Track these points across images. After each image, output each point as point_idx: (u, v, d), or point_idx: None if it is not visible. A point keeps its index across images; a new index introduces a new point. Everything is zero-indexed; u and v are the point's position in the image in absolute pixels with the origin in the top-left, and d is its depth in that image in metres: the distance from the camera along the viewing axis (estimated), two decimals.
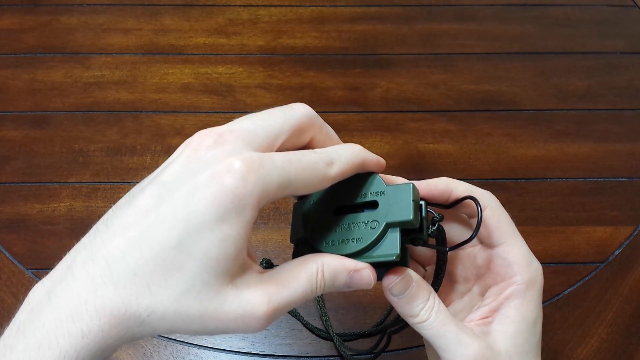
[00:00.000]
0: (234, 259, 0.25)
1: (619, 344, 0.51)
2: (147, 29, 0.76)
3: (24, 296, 0.27)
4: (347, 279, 0.28)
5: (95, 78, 0.71)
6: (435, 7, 0.80)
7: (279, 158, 0.25)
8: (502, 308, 0.32)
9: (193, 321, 0.25)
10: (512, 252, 0.32)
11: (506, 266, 0.32)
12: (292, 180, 0.26)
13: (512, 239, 0.33)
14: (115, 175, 0.61)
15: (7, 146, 0.64)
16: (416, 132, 0.66)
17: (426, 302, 0.30)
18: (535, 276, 0.32)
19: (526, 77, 0.72)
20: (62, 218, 0.58)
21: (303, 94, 0.69)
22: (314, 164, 0.27)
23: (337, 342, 0.49)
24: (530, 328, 0.32)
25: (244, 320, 0.25)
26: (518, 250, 0.32)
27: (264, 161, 0.25)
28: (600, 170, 0.63)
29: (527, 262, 0.32)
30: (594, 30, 0.78)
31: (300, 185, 0.26)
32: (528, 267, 0.32)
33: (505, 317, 0.32)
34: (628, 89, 0.71)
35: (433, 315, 0.30)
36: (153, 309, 0.24)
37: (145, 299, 0.24)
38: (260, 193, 0.24)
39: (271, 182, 0.25)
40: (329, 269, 0.28)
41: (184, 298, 0.24)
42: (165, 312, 0.24)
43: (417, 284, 0.30)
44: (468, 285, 0.35)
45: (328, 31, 0.77)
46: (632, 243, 0.57)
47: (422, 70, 0.73)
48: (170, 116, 0.67)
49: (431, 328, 0.30)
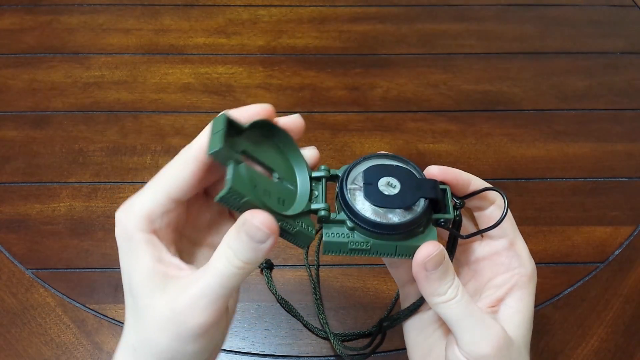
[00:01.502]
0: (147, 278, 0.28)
1: (619, 344, 0.51)
2: (147, 29, 0.76)
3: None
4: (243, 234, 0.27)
5: (95, 78, 0.71)
6: (435, 7, 0.80)
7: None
8: (506, 298, 0.33)
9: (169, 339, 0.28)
10: (519, 245, 0.34)
11: (512, 257, 0.33)
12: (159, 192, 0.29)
13: (517, 234, 0.34)
14: (115, 175, 0.61)
15: (7, 146, 0.64)
16: (416, 132, 0.66)
17: (454, 280, 0.30)
18: (534, 271, 0.34)
19: (526, 77, 0.72)
20: (62, 218, 0.58)
21: (303, 94, 0.69)
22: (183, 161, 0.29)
23: (333, 340, 0.49)
24: (530, 320, 0.33)
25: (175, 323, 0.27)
26: (522, 244, 0.34)
27: (130, 200, 0.29)
28: (600, 170, 0.63)
29: (529, 257, 0.34)
30: (594, 30, 0.78)
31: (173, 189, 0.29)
32: (530, 261, 0.34)
33: (510, 308, 0.32)
34: (628, 89, 0.71)
35: (459, 294, 0.30)
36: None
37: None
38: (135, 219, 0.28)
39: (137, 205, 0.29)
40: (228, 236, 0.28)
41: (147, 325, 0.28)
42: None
43: (448, 261, 0.30)
44: (462, 280, 0.35)
45: (328, 31, 0.77)
46: (632, 243, 0.57)
47: (422, 70, 0.73)
48: (170, 116, 0.67)
49: (457, 307, 0.30)
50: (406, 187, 0.30)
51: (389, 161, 0.32)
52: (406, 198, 0.30)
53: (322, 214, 0.30)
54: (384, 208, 0.30)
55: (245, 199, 0.27)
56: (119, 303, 0.53)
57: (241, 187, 0.27)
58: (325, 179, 0.31)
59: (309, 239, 0.30)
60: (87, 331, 0.51)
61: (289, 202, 0.30)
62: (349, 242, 0.30)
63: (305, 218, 0.30)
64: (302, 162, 0.31)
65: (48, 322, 0.51)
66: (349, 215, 0.30)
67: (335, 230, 0.30)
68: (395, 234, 0.30)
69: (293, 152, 0.32)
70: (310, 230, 0.30)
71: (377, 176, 0.31)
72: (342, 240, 0.30)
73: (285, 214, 0.29)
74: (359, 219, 0.30)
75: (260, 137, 0.30)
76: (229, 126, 0.28)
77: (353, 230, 0.30)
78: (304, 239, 0.30)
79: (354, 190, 0.31)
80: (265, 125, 0.30)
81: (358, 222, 0.30)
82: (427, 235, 0.30)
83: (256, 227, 0.26)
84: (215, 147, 0.27)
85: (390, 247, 0.30)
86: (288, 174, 0.31)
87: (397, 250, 0.30)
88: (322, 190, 0.31)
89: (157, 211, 0.29)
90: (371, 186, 0.30)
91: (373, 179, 0.30)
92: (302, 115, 0.32)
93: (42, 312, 0.52)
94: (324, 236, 0.30)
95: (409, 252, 0.30)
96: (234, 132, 0.29)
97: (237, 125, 0.29)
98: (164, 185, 0.29)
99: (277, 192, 0.30)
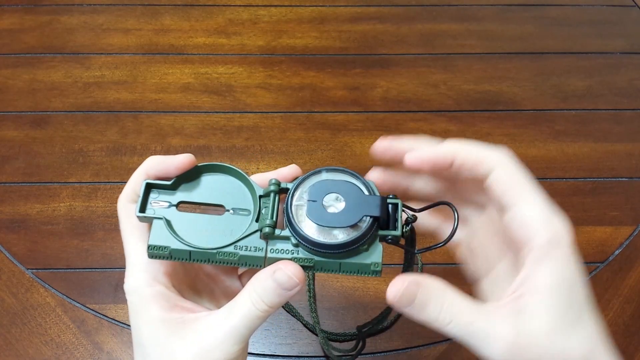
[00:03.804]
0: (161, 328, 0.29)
1: (619, 344, 0.51)
2: (147, 29, 0.76)
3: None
4: (272, 282, 0.29)
5: (95, 78, 0.71)
6: (435, 7, 0.80)
7: None
8: (530, 278, 0.27)
9: None
10: (526, 211, 0.28)
11: (522, 229, 0.28)
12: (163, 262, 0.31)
13: (525, 198, 0.28)
14: (115, 175, 0.61)
15: (7, 146, 0.64)
16: (416, 132, 0.66)
17: (442, 305, 0.27)
18: (558, 234, 0.27)
19: (526, 77, 0.72)
20: (62, 218, 0.58)
21: (303, 94, 0.69)
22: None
23: (322, 341, 0.49)
24: (567, 294, 0.27)
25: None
26: (533, 207, 0.28)
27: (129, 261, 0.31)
28: (600, 170, 0.63)
29: (546, 219, 0.28)
30: (594, 30, 0.78)
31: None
32: (548, 224, 0.27)
33: (535, 289, 0.27)
34: (628, 89, 0.71)
35: (455, 317, 0.27)
36: None
37: None
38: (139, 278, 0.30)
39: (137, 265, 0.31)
40: (256, 282, 0.29)
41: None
42: None
43: (424, 289, 0.28)
44: (495, 261, 0.32)
45: (328, 31, 0.77)
46: (632, 243, 0.57)
47: (422, 70, 0.73)
48: (170, 116, 0.67)
49: (456, 331, 0.27)
50: (351, 205, 0.30)
51: (339, 176, 0.31)
52: (349, 216, 0.29)
53: (266, 231, 0.30)
54: (326, 226, 0.30)
55: (169, 249, 0.30)
56: (119, 303, 0.53)
57: (160, 241, 0.30)
58: (273, 193, 0.31)
59: (258, 259, 0.30)
60: (87, 331, 0.51)
61: (240, 229, 0.31)
62: (292, 258, 0.30)
63: (251, 239, 0.30)
64: (250, 185, 0.32)
65: (48, 322, 0.51)
66: (292, 233, 0.30)
67: (279, 246, 0.30)
68: (337, 253, 0.29)
69: (240, 178, 0.32)
70: (257, 250, 0.30)
71: (323, 193, 0.30)
72: (286, 256, 0.30)
73: (220, 245, 0.30)
74: (300, 237, 0.29)
75: (198, 181, 0.32)
76: (152, 188, 0.31)
77: (297, 247, 0.30)
78: (253, 260, 0.30)
79: (300, 207, 0.30)
80: (196, 171, 0.32)
81: (299, 240, 0.30)
82: (371, 253, 0.30)
83: (288, 276, 0.28)
84: (136, 212, 0.30)
85: (334, 264, 0.30)
86: (241, 201, 0.32)
87: (341, 267, 0.30)
88: (270, 207, 0.31)
89: (156, 266, 0.31)
90: (315, 203, 0.30)
91: (318, 196, 0.30)
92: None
93: (42, 312, 0.52)
94: (268, 252, 0.30)
95: (353, 269, 0.30)
96: (164, 190, 0.31)
97: (161, 185, 0.31)
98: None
99: (223, 225, 0.31)
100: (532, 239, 0.27)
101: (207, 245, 0.30)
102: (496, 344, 0.26)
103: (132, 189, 0.31)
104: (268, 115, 0.67)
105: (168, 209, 0.31)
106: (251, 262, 0.30)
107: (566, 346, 0.27)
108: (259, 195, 0.31)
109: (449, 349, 0.51)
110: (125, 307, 0.52)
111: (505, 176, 0.29)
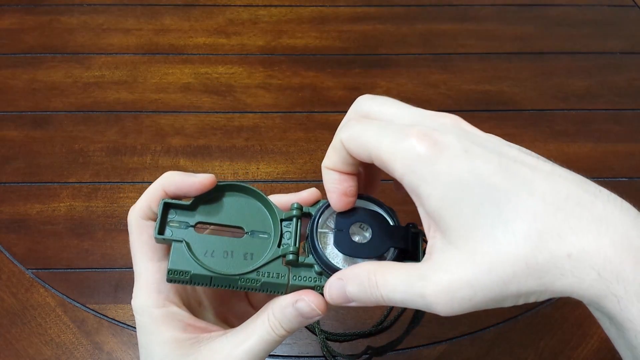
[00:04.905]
0: (175, 348, 0.29)
1: None
2: (147, 29, 0.76)
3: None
4: (292, 309, 0.29)
5: (95, 78, 0.71)
6: (435, 7, 0.80)
7: None
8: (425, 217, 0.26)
9: None
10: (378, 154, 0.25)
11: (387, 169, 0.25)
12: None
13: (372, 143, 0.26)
14: (115, 175, 0.61)
15: (7, 146, 0.64)
16: None
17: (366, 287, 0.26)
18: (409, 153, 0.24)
19: (526, 77, 0.72)
20: (62, 218, 0.58)
21: (303, 94, 0.69)
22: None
23: (321, 342, 0.49)
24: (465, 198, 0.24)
25: None
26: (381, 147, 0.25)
27: (137, 284, 0.31)
28: (600, 170, 0.63)
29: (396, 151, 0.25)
30: (594, 30, 0.78)
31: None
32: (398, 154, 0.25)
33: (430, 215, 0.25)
34: (628, 89, 0.71)
35: (383, 292, 0.26)
36: None
37: None
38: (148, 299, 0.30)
39: (143, 288, 0.30)
40: (276, 307, 0.29)
41: None
42: None
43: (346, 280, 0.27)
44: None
45: (328, 31, 0.77)
46: None
47: (422, 70, 0.73)
48: (170, 116, 0.67)
49: (394, 302, 0.26)
50: (377, 235, 0.29)
51: (363, 203, 0.31)
52: (376, 247, 0.29)
53: (290, 258, 0.29)
54: (353, 257, 0.29)
55: (190, 274, 0.29)
56: (119, 303, 0.53)
57: (181, 266, 0.29)
58: (296, 218, 0.30)
59: (280, 286, 0.29)
60: (87, 331, 0.51)
61: (260, 253, 0.30)
62: (315, 286, 0.29)
63: (273, 265, 0.30)
64: (271, 208, 0.31)
65: (48, 322, 0.51)
66: (316, 260, 0.29)
67: (303, 273, 0.29)
68: None
69: (260, 199, 0.31)
70: (280, 277, 0.29)
71: (349, 222, 0.29)
72: (309, 284, 0.29)
73: (242, 272, 0.29)
74: (325, 265, 0.29)
75: (217, 201, 0.31)
76: (170, 208, 0.30)
77: (321, 275, 0.29)
78: (276, 287, 0.29)
79: (324, 234, 0.30)
80: (215, 190, 0.31)
81: (324, 268, 0.29)
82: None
83: (310, 307, 0.28)
84: (155, 234, 0.29)
85: None
86: (261, 224, 0.31)
87: None
88: (293, 232, 0.30)
89: (168, 286, 0.30)
90: (342, 233, 0.29)
91: (344, 225, 0.29)
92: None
93: (42, 312, 0.52)
94: (291, 279, 0.29)
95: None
96: (182, 209, 0.30)
97: (179, 204, 0.30)
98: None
99: (243, 249, 0.30)
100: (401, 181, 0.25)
101: (229, 270, 0.29)
102: (432, 297, 0.24)
103: (147, 205, 0.30)
104: (268, 115, 0.67)
105: (186, 230, 0.30)
106: (273, 289, 0.29)
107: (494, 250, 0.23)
108: (280, 219, 0.31)
109: (449, 349, 0.51)
110: (125, 307, 0.52)
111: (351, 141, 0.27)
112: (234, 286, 0.29)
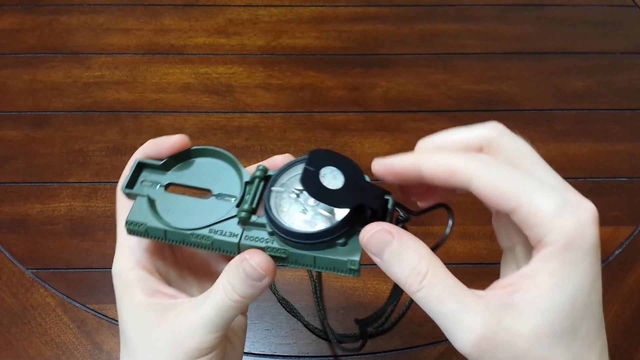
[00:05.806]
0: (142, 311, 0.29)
1: (619, 344, 0.51)
2: (147, 29, 0.76)
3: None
4: (239, 271, 0.28)
5: (95, 78, 0.71)
6: (435, 7, 0.80)
7: None
8: (532, 276, 0.24)
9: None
10: (530, 213, 0.24)
11: (531, 230, 0.24)
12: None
13: (525, 198, 0.24)
14: (115, 175, 0.61)
15: (7, 146, 0.64)
16: (416, 132, 0.66)
17: (413, 268, 0.24)
18: (571, 233, 0.23)
19: (526, 77, 0.72)
20: (62, 218, 0.58)
21: (303, 94, 0.69)
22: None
23: (334, 341, 0.49)
24: (570, 301, 0.23)
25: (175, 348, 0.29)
26: (537, 207, 0.24)
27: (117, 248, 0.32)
28: (600, 170, 0.63)
29: (556, 216, 0.24)
30: (594, 30, 0.78)
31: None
32: (560, 220, 0.23)
33: (536, 286, 0.24)
34: (628, 89, 0.71)
35: (425, 288, 0.24)
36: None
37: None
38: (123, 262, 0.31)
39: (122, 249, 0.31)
40: (228, 269, 0.28)
41: None
42: None
43: (399, 241, 0.25)
44: (515, 240, 0.28)
45: (328, 31, 0.77)
46: (632, 243, 0.57)
47: (422, 70, 0.73)
48: (170, 116, 0.67)
49: (425, 304, 0.24)
50: (349, 186, 0.27)
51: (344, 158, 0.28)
52: (346, 199, 0.27)
53: (242, 215, 0.29)
54: (316, 200, 0.27)
55: (145, 225, 0.29)
56: None
57: (138, 218, 0.30)
58: (258, 179, 0.30)
59: (231, 245, 0.29)
60: (87, 331, 0.51)
61: (221, 213, 0.30)
62: (265, 247, 0.28)
63: (228, 224, 0.29)
64: (240, 170, 0.31)
65: (48, 322, 0.51)
66: (267, 220, 0.28)
67: (255, 233, 0.29)
68: (311, 244, 0.27)
69: (230, 163, 0.32)
70: (232, 236, 0.29)
71: (323, 163, 0.27)
72: (259, 244, 0.28)
73: (195, 227, 0.29)
74: (274, 225, 0.28)
75: (190, 165, 0.32)
76: (144, 167, 0.32)
77: (272, 236, 0.28)
78: (226, 246, 0.29)
79: (281, 194, 0.29)
80: (189, 153, 0.32)
81: (273, 227, 0.28)
82: (349, 250, 0.27)
83: (252, 267, 0.27)
84: (122, 188, 0.31)
85: (308, 258, 0.28)
86: (229, 187, 0.31)
87: (315, 261, 0.28)
88: (253, 193, 0.30)
89: (141, 250, 0.31)
90: (311, 172, 0.27)
91: (317, 165, 0.27)
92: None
93: (42, 312, 0.52)
94: (242, 239, 0.29)
95: (328, 265, 0.27)
96: (156, 169, 0.32)
97: (152, 164, 0.32)
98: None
99: (207, 209, 0.30)
100: (543, 238, 0.24)
101: (184, 226, 0.29)
102: (466, 333, 0.23)
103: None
104: (268, 115, 0.67)
105: (156, 189, 0.31)
106: (224, 248, 0.29)
107: (544, 357, 0.23)
108: (245, 182, 0.31)
109: (449, 349, 0.51)
110: None
111: (488, 183, 0.25)
112: (187, 242, 0.29)
